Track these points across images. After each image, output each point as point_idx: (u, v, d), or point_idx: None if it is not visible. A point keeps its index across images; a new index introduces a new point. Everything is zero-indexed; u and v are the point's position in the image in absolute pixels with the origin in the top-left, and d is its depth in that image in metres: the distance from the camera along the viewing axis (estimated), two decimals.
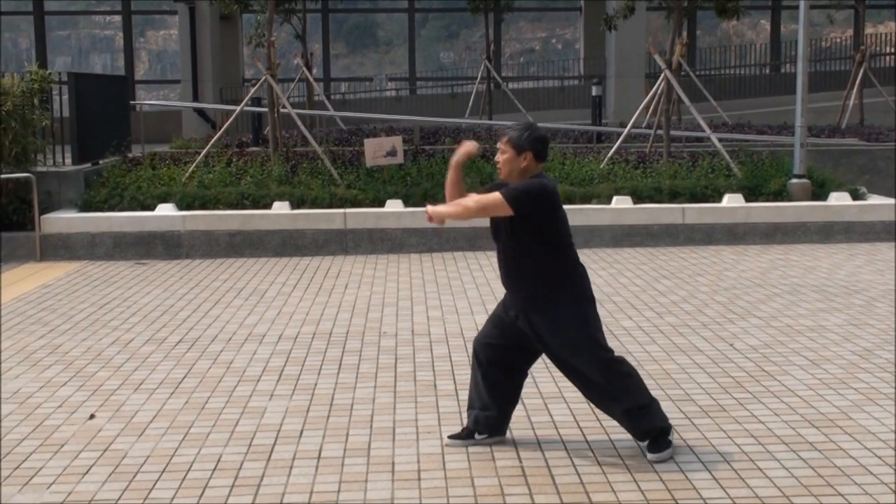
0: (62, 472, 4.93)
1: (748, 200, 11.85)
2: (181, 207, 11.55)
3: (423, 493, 4.60)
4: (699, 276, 9.70)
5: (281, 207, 11.51)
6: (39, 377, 6.58)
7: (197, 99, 21.82)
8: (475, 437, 5.17)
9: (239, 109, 13.85)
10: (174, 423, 5.64)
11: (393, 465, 4.95)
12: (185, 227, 11.29)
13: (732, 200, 11.77)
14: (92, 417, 5.75)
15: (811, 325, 7.67)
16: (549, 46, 26.33)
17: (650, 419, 4.92)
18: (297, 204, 11.66)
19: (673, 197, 11.87)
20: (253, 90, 13.77)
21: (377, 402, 5.97)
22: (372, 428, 5.50)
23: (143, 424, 5.62)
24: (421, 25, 25.53)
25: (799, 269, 10.00)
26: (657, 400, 5.02)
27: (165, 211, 11.42)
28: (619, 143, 13.35)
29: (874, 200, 12.11)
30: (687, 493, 4.54)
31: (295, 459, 5.05)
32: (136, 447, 5.26)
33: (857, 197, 12.10)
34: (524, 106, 19.45)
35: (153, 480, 4.80)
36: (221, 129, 14.22)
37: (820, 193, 12.15)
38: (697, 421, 5.51)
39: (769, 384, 6.19)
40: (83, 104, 12.59)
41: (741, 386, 6.16)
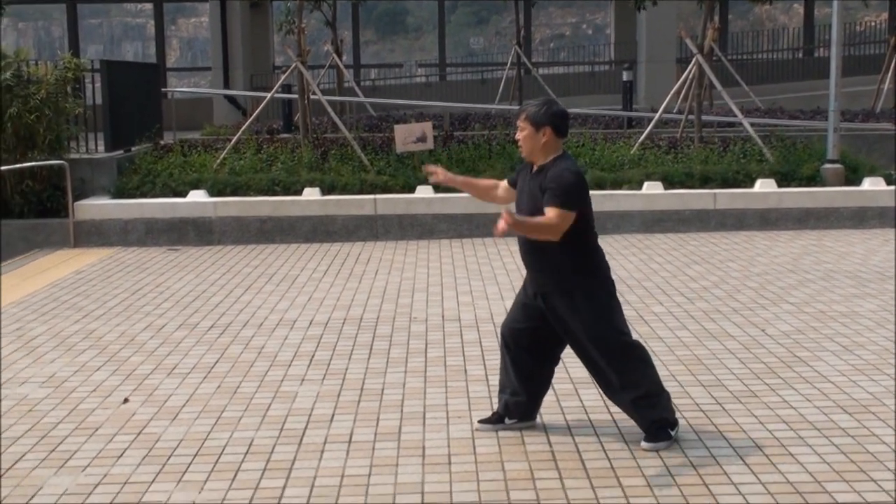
0: (97, 454, 4.99)
1: (780, 186, 11.75)
2: (212, 194, 11.62)
3: (453, 476, 4.61)
4: (730, 261, 9.65)
5: (311, 194, 11.55)
6: (74, 361, 6.66)
7: (227, 86, 21.92)
8: (505, 421, 5.18)
9: (269, 96, 13.90)
10: (207, 407, 5.69)
11: (423, 449, 4.97)
12: (216, 213, 11.35)
13: (764, 186, 11.68)
14: (126, 401, 5.81)
15: (844, 310, 7.61)
16: (579, 32, 26.22)
17: (659, 410, 4.89)
18: (327, 190, 11.69)
19: (704, 182, 11.80)
20: (283, 77, 13.83)
21: (407, 386, 5.99)
22: (402, 412, 5.52)
23: (176, 408, 5.67)
24: (451, 11, 25.49)
25: (832, 254, 9.91)
26: (668, 393, 5.00)
27: (197, 197, 11.49)
28: (650, 128, 13.28)
29: None
30: (718, 478, 4.53)
31: (326, 443, 5.08)
32: (169, 431, 5.31)
33: (890, 182, 11.96)
34: (554, 92, 19.36)
35: (186, 463, 4.85)
36: (252, 115, 14.28)
37: (853, 178, 12.03)
38: (728, 406, 5.49)
39: (801, 370, 6.15)
40: (115, 92, 12.67)
41: (773, 372, 6.13)
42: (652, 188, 11.61)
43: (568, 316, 4.84)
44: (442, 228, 11.35)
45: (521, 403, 5.14)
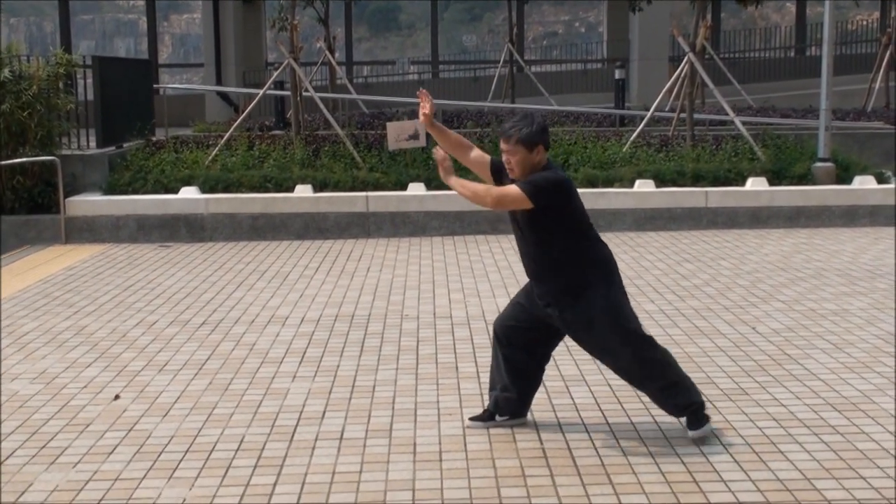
0: (88, 451, 4.99)
1: (772, 184, 11.78)
2: (204, 190, 11.60)
3: (444, 473, 4.62)
4: (722, 259, 9.67)
5: (303, 191, 11.54)
6: (65, 358, 6.65)
7: (220, 83, 21.88)
8: (496, 418, 5.18)
9: (262, 93, 13.89)
10: (198, 403, 5.69)
11: (414, 446, 4.97)
12: (208, 210, 11.34)
13: (756, 184, 11.71)
14: (117, 398, 5.81)
15: (834, 308, 7.64)
16: (572, 30, 26.23)
17: (686, 394, 4.91)
18: (319, 187, 11.69)
19: (696, 180, 11.82)
20: (276, 74, 13.83)
21: (399, 384, 5.99)
22: (394, 409, 5.52)
23: (167, 405, 5.67)
24: (444, 9, 25.48)
25: (823, 252, 9.94)
26: (689, 377, 5.03)
27: (189, 194, 11.48)
28: (641, 126, 13.30)
29: None
30: (708, 475, 4.55)
31: (317, 440, 5.08)
32: (160, 427, 5.31)
33: (882, 181, 12.00)
34: (547, 89, 19.38)
35: (177, 460, 4.85)
36: (244, 112, 14.26)
37: (844, 177, 12.06)
38: (719, 404, 5.50)
39: (791, 368, 6.17)
40: (107, 88, 12.65)
41: (763, 369, 6.15)
42: (644, 186, 11.62)
43: (584, 324, 4.83)
44: (434, 226, 11.35)
45: (511, 400, 5.15)
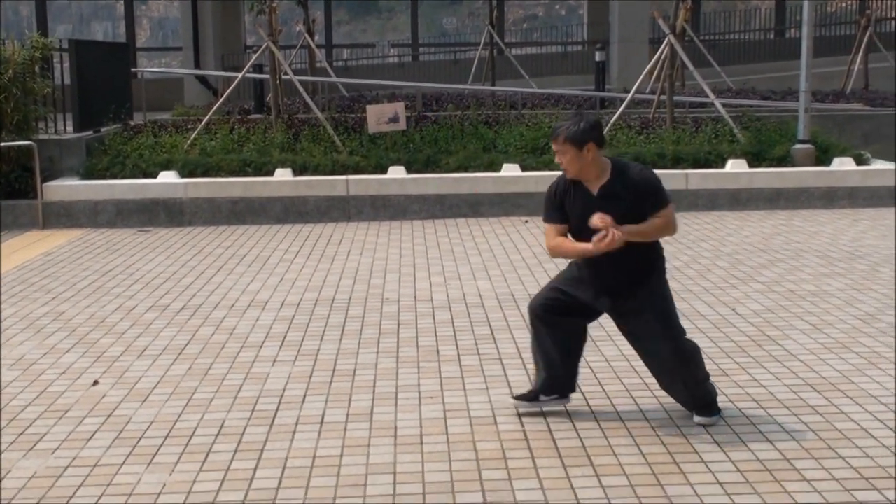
0: (67, 437, 4.96)
1: (752, 166, 11.81)
2: (183, 175, 11.53)
3: (424, 456, 4.62)
4: (702, 241, 9.69)
5: (283, 174, 11.49)
6: (43, 344, 6.60)
7: (198, 66, 21.70)
8: (540, 398, 5.12)
9: (241, 76, 13.79)
10: (177, 389, 5.67)
11: (395, 429, 4.97)
12: (187, 194, 11.28)
13: (736, 166, 11.73)
14: (96, 384, 5.77)
15: (813, 289, 7.67)
16: (552, 12, 26.17)
17: (709, 392, 4.97)
18: (299, 171, 11.64)
19: (676, 163, 11.83)
20: (254, 57, 13.71)
21: (380, 367, 5.98)
22: (374, 393, 5.52)
23: (146, 390, 5.64)
24: None
25: (802, 234, 9.98)
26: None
27: (167, 178, 11.41)
28: (622, 108, 13.29)
29: (877, 165, 12.06)
30: (688, 456, 4.56)
31: (298, 424, 5.07)
32: (139, 413, 5.28)
33: (860, 162, 12.05)
34: (527, 72, 19.33)
35: (157, 445, 4.82)
36: (223, 96, 14.17)
37: (824, 159, 12.10)
38: None
39: (771, 348, 6.20)
40: (84, 72, 12.53)
41: (743, 350, 6.17)
42: None
43: (636, 313, 4.85)
44: (414, 209, 11.33)
45: (558, 378, 5.08)
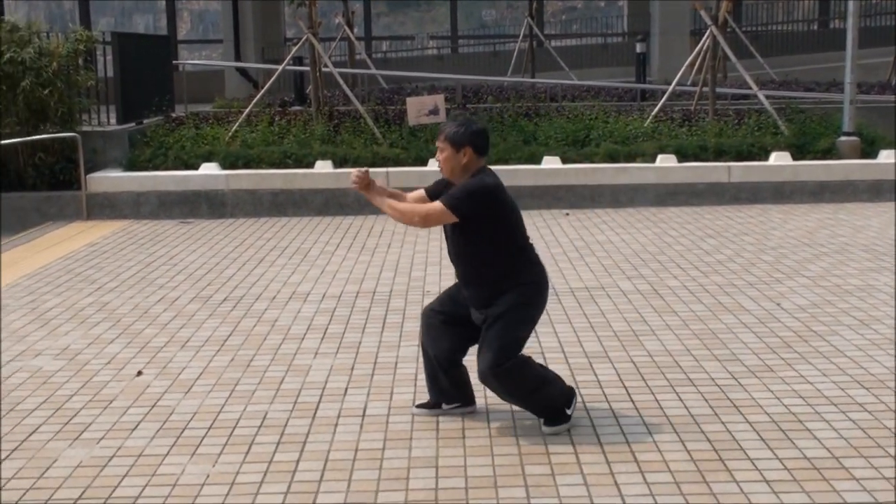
0: (111, 427, 5.00)
1: (796, 159, 11.67)
2: (224, 167, 11.59)
3: (467, 451, 4.60)
4: (745, 235, 9.59)
5: (324, 167, 11.51)
6: (88, 334, 6.66)
7: (239, 59, 21.82)
8: (442, 406, 5.08)
9: (281, 69, 13.84)
10: (220, 380, 5.69)
11: (437, 423, 4.95)
12: (228, 186, 11.33)
13: (779, 159, 11.60)
14: (139, 374, 5.82)
15: (860, 284, 7.56)
16: (592, 3, 25.99)
17: (550, 399, 4.78)
18: (339, 163, 11.65)
19: (718, 155, 11.72)
20: (294, 49, 13.75)
21: (421, 360, 5.96)
22: (416, 386, 5.51)
23: (189, 381, 5.67)
24: None
25: (847, 228, 9.84)
26: (553, 373, 4.86)
27: (209, 170, 11.47)
28: (663, 100, 13.18)
29: None
30: (734, 453, 4.50)
31: (340, 417, 5.07)
32: (182, 404, 5.31)
33: None
34: (567, 64, 19.22)
35: (200, 436, 4.85)
36: (263, 88, 14.21)
37: (869, 151, 11.93)
38: (744, 381, 5.46)
39: (817, 344, 6.11)
40: (126, 64, 12.63)
41: (789, 346, 6.09)
42: (666, 161, 11.53)
43: (493, 313, 4.69)
44: None
45: (449, 390, 5.05)
